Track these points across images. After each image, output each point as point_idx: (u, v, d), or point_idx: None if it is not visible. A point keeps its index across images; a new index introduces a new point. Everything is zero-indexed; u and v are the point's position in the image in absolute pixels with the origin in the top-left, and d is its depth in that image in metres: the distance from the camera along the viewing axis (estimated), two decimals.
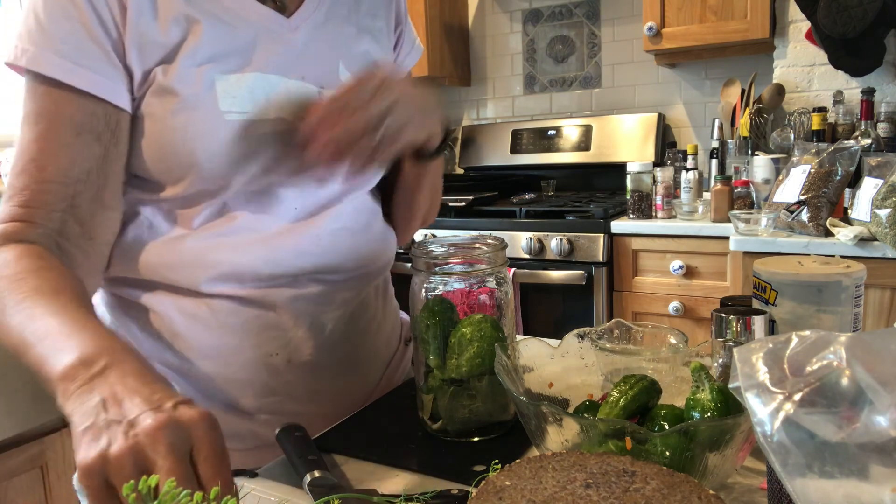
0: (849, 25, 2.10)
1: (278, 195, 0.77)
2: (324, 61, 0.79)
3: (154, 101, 0.70)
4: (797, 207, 1.95)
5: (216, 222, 0.75)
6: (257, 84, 0.73)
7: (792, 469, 0.40)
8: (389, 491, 0.61)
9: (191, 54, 0.70)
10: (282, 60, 0.75)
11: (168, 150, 0.71)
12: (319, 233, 0.80)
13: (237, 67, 0.72)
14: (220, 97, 0.70)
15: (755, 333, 0.73)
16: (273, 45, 0.75)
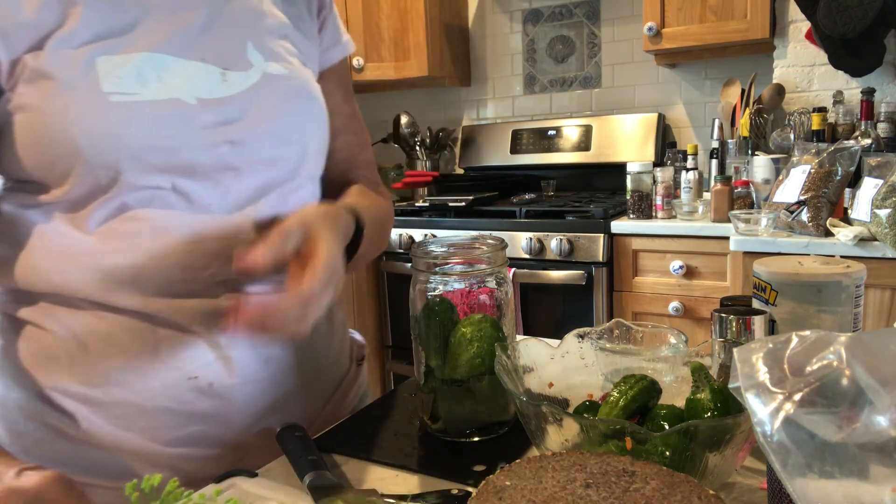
0: (849, 25, 2.10)
1: (187, 191, 0.68)
2: (229, 42, 0.72)
3: (27, 91, 0.63)
4: (797, 207, 1.95)
5: (115, 224, 0.66)
6: (147, 64, 0.66)
7: (792, 469, 0.40)
8: (389, 491, 0.61)
9: (67, 37, 0.63)
10: (178, 40, 0.68)
11: (47, 140, 0.63)
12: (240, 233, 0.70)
13: (123, 48, 0.65)
14: (101, 78, 0.63)
15: (755, 333, 0.73)
16: (167, 25, 0.68)
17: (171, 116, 0.66)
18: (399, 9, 2.86)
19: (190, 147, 0.67)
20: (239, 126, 0.70)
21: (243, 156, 0.70)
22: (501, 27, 3.11)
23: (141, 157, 0.65)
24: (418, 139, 3.11)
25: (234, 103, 0.70)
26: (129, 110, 0.64)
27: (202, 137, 0.68)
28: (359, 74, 2.90)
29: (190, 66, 0.68)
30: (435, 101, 3.30)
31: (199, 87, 0.68)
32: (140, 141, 0.65)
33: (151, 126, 0.65)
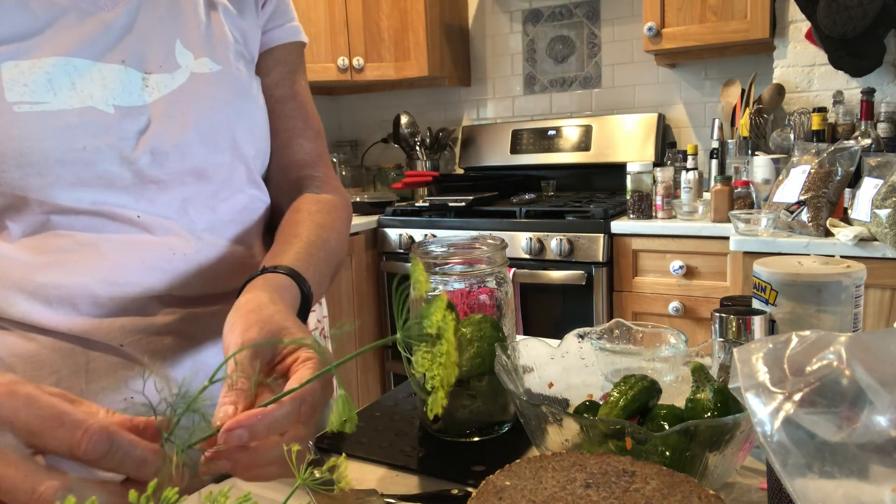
0: (849, 25, 2.10)
1: (108, 207, 0.64)
2: (154, 42, 0.67)
3: None
4: (797, 207, 1.95)
5: (38, 239, 0.62)
6: (59, 70, 0.61)
7: (792, 469, 0.40)
8: (389, 491, 0.61)
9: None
10: (94, 43, 0.63)
11: None
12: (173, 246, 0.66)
13: (32, 52, 0.60)
14: (6, 86, 0.58)
15: (755, 333, 0.73)
16: (82, 26, 0.63)
17: (85, 126, 0.61)
18: (399, 9, 2.86)
19: (106, 160, 0.62)
20: (161, 134, 0.65)
21: (166, 167, 0.66)
22: (501, 27, 3.11)
23: (50, 173, 0.60)
24: (418, 139, 3.12)
25: (155, 110, 0.65)
26: (37, 121, 0.59)
27: (119, 149, 0.63)
28: (359, 74, 2.90)
29: (107, 71, 0.63)
30: (435, 101, 3.30)
31: (117, 94, 0.64)
32: (49, 155, 0.59)
33: (62, 138, 0.60)
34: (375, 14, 2.88)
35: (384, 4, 2.87)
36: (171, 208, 0.66)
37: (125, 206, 0.64)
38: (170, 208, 0.66)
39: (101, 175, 0.62)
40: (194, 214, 0.68)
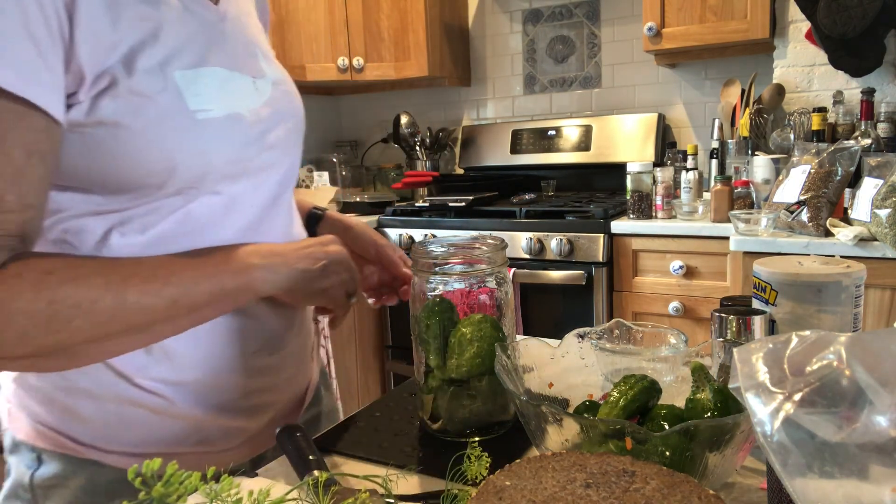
0: (849, 25, 2.10)
1: (236, 193, 0.73)
2: (249, 51, 0.77)
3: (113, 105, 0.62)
4: (797, 207, 1.95)
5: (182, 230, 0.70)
6: (211, 79, 0.69)
7: (792, 469, 0.40)
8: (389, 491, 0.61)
9: (152, 54, 0.64)
10: (222, 53, 0.72)
11: (143, 155, 0.64)
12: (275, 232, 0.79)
13: (192, 62, 0.68)
14: (185, 95, 0.66)
15: (755, 333, 0.73)
16: (214, 38, 0.71)
17: (237, 129, 0.71)
18: (399, 9, 2.86)
19: (248, 157, 0.73)
20: (273, 131, 0.76)
21: (275, 156, 0.77)
22: (501, 27, 3.11)
23: (220, 169, 0.70)
24: (418, 139, 3.12)
25: (266, 110, 0.75)
26: (212, 126, 0.68)
27: (257, 146, 0.74)
28: (359, 74, 2.90)
29: (236, 78, 0.72)
30: (435, 101, 3.30)
31: (246, 99, 0.73)
32: (222, 154, 0.70)
33: (228, 140, 0.70)
34: (375, 14, 2.88)
35: (384, 4, 2.87)
36: (273, 191, 0.79)
37: (245, 193, 0.74)
38: (272, 191, 0.78)
39: (242, 169, 0.73)
40: (286, 195, 0.83)
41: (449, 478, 0.62)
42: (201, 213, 0.70)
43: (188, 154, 0.67)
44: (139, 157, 0.64)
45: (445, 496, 0.57)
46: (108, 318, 0.61)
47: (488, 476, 0.49)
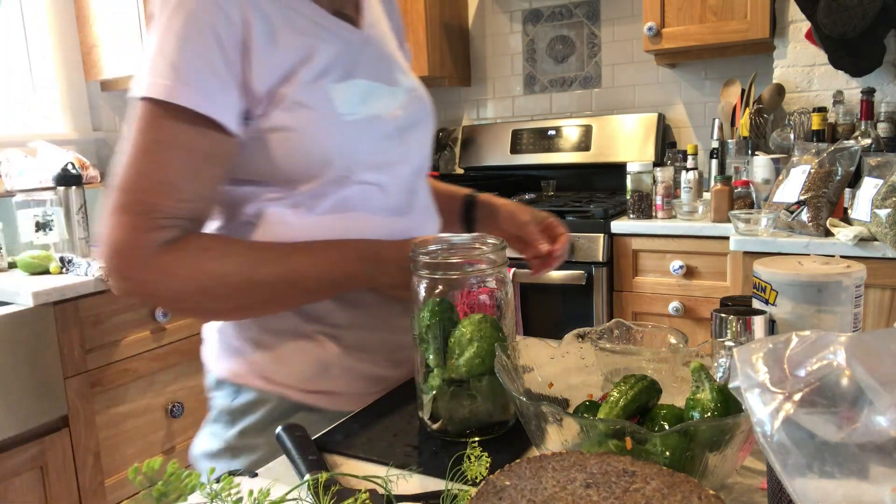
0: (849, 25, 2.10)
1: (380, 181, 0.88)
2: (387, 63, 0.93)
3: (283, 116, 0.79)
4: (797, 207, 1.95)
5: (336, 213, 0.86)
6: (357, 89, 0.85)
7: (792, 469, 0.40)
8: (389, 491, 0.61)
9: (311, 71, 0.81)
10: (367, 67, 0.88)
11: (304, 153, 0.81)
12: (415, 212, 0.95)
13: (342, 77, 0.84)
14: (336, 103, 0.82)
15: (755, 333, 0.73)
16: (359, 55, 0.88)
17: (377, 127, 0.86)
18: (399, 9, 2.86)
19: (387, 150, 0.88)
20: (406, 129, 0.91)
21: (408, 150, 0.92)
22: (501, 27, 3.11)
23: (365, 160, 0.85)
24: None
25: (400, 112, 0.90)
26: (357, 126, 0.84)
27: (394, 142, 0.89)
28: None
29: (376, 87, 0.88)
30: (435, 101, 3.28)
31: (384, 104, 0.88)
32: (366, 148, 0.85)
33: (370, 137, 0.85)
34: None
35: None
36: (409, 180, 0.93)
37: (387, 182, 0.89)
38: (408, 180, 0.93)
39: (384, 160, 0.88)
40: (419, 184, 0.97)
41: (449, 478, 0.62)
42: (353, 197, 0.86)
43: (339, 149, 0.82)
44: (303, 153, 0.81)
45: (445, 496, 0.57)
46: (239, 290, 0.78)
47: (488, 476, 0.49)
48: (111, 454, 1.82)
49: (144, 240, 0.74)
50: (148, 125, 0.74)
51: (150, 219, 0.74)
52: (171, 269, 0.75)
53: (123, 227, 0.74)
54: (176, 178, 0.75)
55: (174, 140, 0.74)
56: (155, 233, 0.74)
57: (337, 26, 0.85)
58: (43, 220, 1.92)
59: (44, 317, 1.63)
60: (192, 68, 0.73)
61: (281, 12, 0.80)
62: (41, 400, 1.63)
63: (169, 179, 0.75)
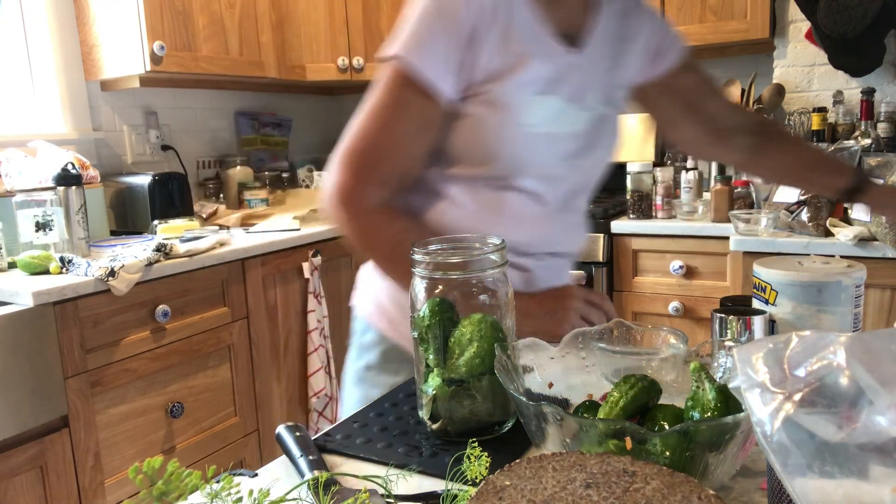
0: (849, 25, 2.10)
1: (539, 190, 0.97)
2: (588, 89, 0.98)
3: (479, 108, 0.90)
4: (797, 207, 1.95)
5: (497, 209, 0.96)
6: (551, 106, 0.94)
7: (792, 469, 0.40)
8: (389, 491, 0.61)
9: (516, 79, 0.90)
10: (574, 89, 0.96)
11: (482, 142, 0.92)
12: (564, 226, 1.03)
13: (546, 92, 0.93)
14: (525, 112, 0.91)
15: (755, 333, 0.73)
16: (565, 75, 0.95)
17: (553, 145, 0.95)
18: (399, 9, 2.86)
19: (554, 166, 0.97)
20: (579, 153, 0.99)
21: (576, 170, 1.00)
22: None
23: (529, 168, 0.95)
24: None
25: (580, 137, 0.98)
26: (533, 139, 0.93)
27: (563, 160, 0.97)
28: (359, 74, 2.90)
29: (568, 108, 0.95)
30: None
31: (568, 124, 0.96)
32: (535, 159, 0.95)
33: (542, 151, 0.95)
34: (375, 14, 2.88)
35: (384, 4, 2.87)
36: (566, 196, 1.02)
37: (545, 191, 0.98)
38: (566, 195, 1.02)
39: (548, 173, 0.97)
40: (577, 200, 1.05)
41: (449, 478, 0.62)
42: (510, 197, 0.96)
43: (509, 152, 0.92)
44: (477, 142, 0.92)
45: (445, 496, 0.57)
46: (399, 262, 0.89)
47: (488, 476, 0.49)
48: (111, 454, 1.82)
49: (364, 188, 0.90)
50: (391, 87, 0.89)
51: (373, 171, 0.90)
52: (377, 227, 0.92)
53: (351, 171, 0.90)
54: (401, 139, 0.90)
55: (409, 104, 0.89)
56: (374, 187, 0.90)
57: (551, 49, 0.94)
58: (43, 220, 1.92)
59: (44, 317, 1.63)
60: (436, 45, 0.87)
61: (520, 18, 0.91)
62: (41, 400, 1.63)
63: (396, 137, 0.90)
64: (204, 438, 2.03)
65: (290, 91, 3.21)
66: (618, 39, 1.03)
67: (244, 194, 2.73)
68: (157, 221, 2.28)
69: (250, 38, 2.59)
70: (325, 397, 2.44)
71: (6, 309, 1.60)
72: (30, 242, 1.91)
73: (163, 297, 1.91)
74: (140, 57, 2.26)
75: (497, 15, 0.89)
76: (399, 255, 0.88)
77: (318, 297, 2.41)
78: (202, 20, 2.41)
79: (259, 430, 2.23)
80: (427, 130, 0.91)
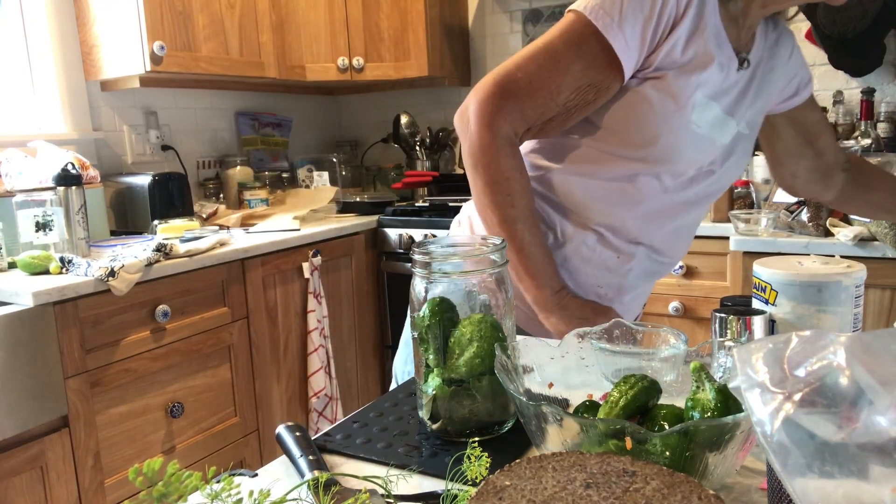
0: (849, 25, 2.10)
1: (669, 183, 0.99)
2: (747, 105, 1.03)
3: (653, 92, 0.93)
4: (797, 207, 1.95)
5: (624, 192, 0.99)
6: (713, 112, 0.98)
7: (792, 469, 0.40)
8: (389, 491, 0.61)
9: (698, 76, 0.93)
10: (732, 103, 1.00)
11: (643, 124, 0.94)
12: (677, 228, 1.06)
13: (713, 98, 0.97)
14: (694, 111, 0.94)
15: (755, 333, 0.73)
16: (729, 88, 0.99)
17: (701, 146, 0.98)
18: (399, 9, 2.86)
19: (694, 167, 1.01)
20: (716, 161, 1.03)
21: (706, 179, 1.04)
22: (501, 27, 3.11)
23: (678, 163, 0.98)
24: (418, 139, 3.12)
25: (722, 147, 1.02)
26: (691, 136, 0.96)
27: (703, 165, 1.01)
28: (359, 74, 2.90)
29: (724, 118, 1.00)
30: (435, 101, 3.30)
31: (721, 133, 1.00)
32: (684, 156, 0.98)
33: (692, 150, 0.98)
34: (375, 14, 2.88)
35: (384, 4, 2.87)
36: (693, 197, 1.05)
37: (673, 185, 1.01)
38: (692, 196, 1.05)
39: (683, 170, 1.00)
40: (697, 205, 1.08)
41: (449, 478, 0.62)
42: (642, 183, 0.99)
43: (669, 141, 0.95)
44: (642, 123, 0.94)
45: (445, 496, 0.57)
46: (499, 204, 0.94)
47: (488, 476, 0.49)
48: (111, 454, 1.82)
49: (504, 118, 0.91)
50: (570, 36, 0.90)
51: (520, 104, 0.91)
52: (496, 157, 0.93)
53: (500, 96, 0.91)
54: (561, 87, 0.90)
55: (581, 57, 0.89)
56: (514, 119, 0.92)
57: (731, 60, 0.98)
58: (43, 220, 1.92)
59: (44, 317, 1.63)
60: (632, 18, 0.88)
61: (711, 21, 0.94)
62: (41, 400, 1.63)
63: (556, 85, 0.90)
64: (204, 438, 2.04)
65: (290, 91, 3.21)
66: (768, 67, 1.09)
67: (244, 194, 2.73)
68: (157, 221, 2.28)
69: (250, 38, 2.60)
70: (325, 397, 2.44)
71: (6, 309, 1.60)
72: (30, 242, 1.91)
73: (163, 297, 1.91)
74: (140, 57, 2.26)
75: (689, 6, 0.91)
76: (502, 192, 0.94)
77: (318, 297, 2.41)
78: (202, 20, 2.41)
79: (259, 430, 2.23)
80: (589, 93, 0.92)
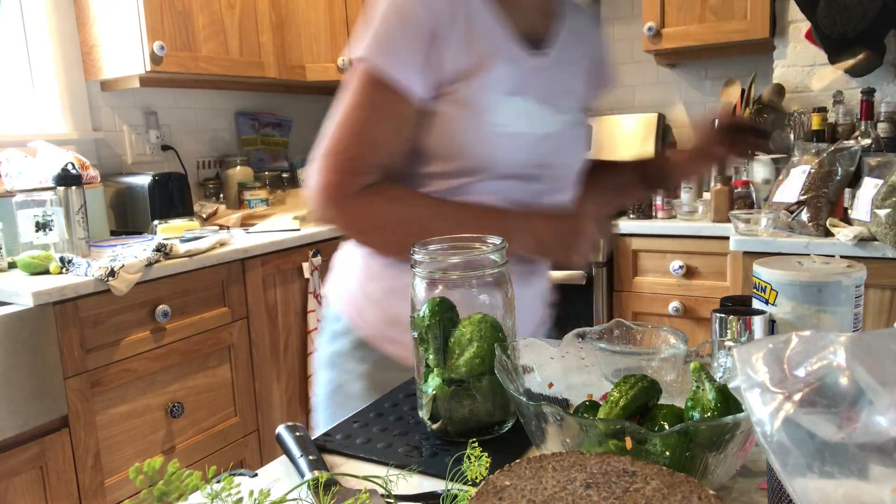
0: (849, 25, 2.10)
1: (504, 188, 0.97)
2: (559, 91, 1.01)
3: (448, 108, 0.92)
4: (797, 207, 1.95)
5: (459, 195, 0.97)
6: (520, 107, 0.95)
7: (792, 469, 0.40)
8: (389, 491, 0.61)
9: (482, 81, 0.92)
10: (538, 90, 0.97)
11: (451, 139, 0.93)
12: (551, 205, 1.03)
13: (513, 93, 0.94)
14: (494, 113, 0.93)
15: (755, 333, 0.73)
16: (533, 77, 0.97)
17: (518, 144, 0.96)
18: None
19: (524, 164, 0.97)
20: (547, 156, 0.99)
21: (544, 172, 1.00)
22: None
23: (499, 166, 0.95)
24: None
25: (550, 139, 0.99)
26: (502, 138, 0.94)
27: (535, 160, 0.98)
28: None
29: (539, 109, 0.97)
30: None
31: (538, 125, 0.97)
32: (504, 156, 0.95)
33: (511, 150, 0.95)
34: None
35: None
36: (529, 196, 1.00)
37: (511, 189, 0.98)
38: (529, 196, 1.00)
39: (515, 172, 0.97)
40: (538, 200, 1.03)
41: (449, 478, 0.62)
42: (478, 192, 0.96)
43: (477, 150, 0.93)
44: (447, 139, 0.93)
45: (445, 496, 0.57)
46: (413, 235, 0.84)
47: (488, 476, 0.49)
48: (111, 454, 1.82)
49: (349, 181, 0.91)
50: (362, 88, 0.91)
51: (354, 165, 0.91)
52: (366, 208, 0.92)
53: (333, 168, 0.91)
54: (378, 135, 0.92)
55: (381, 103, 0.91)
56: (357, 177, 0.91)
57: (512, 51, 0.95)
58: (43, 220, 1.92)
59: (44, 317, 1.63)
60: (397, 48, 0.90)
61: (479, 21, 0.92)
62: (41, 400, 1.63)
63: (373, 135, 0.91)
64: (204, 438, 2.03)
65: (290, 91, 3.21)
66: (593, 48, 1.08)
67: (244, 194, 2.73)
68: (157, 221, 2.28)
69: (250, 38, 2.59)
70: None
71: (6, 309, 1.60)
72: (30, 242, 1.91)
73: (163, 297, 1.91)
74: (140, 57, 2.26)
75: (456, 15, 0.91)
76: (402, 227, 0.93)
77: (318, 297, 2.41)
78: (202, 20, 2.41)
79: (259, 430, 2.23)
80: (403, 128, 0.93)
